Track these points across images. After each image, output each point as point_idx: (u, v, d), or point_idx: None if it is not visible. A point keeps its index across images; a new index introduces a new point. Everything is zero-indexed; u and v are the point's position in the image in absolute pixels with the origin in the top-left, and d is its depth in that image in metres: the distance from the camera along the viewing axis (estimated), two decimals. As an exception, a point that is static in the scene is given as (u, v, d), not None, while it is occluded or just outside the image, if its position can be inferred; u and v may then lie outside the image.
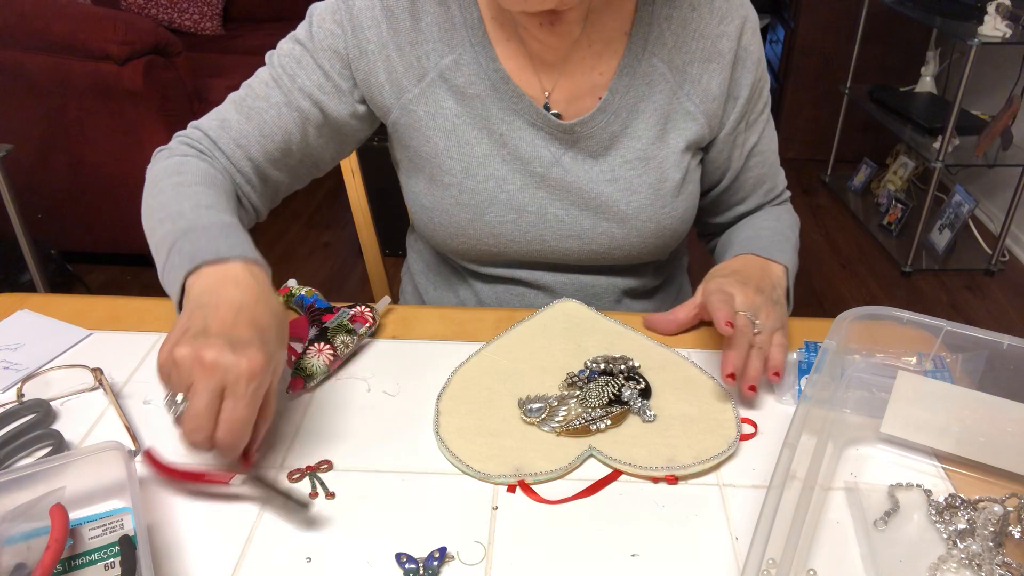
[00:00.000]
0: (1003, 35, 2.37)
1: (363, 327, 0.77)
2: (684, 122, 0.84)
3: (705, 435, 0.65)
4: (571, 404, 0.68)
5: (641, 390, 0.69)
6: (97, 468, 0.58)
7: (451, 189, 0.84)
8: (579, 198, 0.84)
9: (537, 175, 0.84)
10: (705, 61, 0.82)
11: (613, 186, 0.84)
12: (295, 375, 0.71)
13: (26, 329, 0.81)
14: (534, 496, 0.60)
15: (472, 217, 0.85)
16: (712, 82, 0.83)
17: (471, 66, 0.81)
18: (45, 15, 2.07)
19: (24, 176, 2.21)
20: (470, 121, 0.83)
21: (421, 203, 0.88)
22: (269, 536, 0.58)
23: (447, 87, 0.82)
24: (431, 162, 0.84)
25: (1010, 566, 0.55)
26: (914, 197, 3.03)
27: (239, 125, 0.82)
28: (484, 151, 0.83)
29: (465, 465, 0.63)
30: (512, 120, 0.82)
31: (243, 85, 0.84)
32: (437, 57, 0.82)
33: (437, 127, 0.83)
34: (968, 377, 0.67)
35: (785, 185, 0.98)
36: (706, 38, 0.82)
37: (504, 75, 0.81)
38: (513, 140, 0.83)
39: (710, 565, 0.56)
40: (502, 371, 0.73)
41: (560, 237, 0.86)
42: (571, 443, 0.65)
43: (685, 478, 0.62)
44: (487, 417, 0.68)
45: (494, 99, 0.82)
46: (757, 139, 0.89)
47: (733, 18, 0.82)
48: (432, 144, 0.84)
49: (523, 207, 0.85)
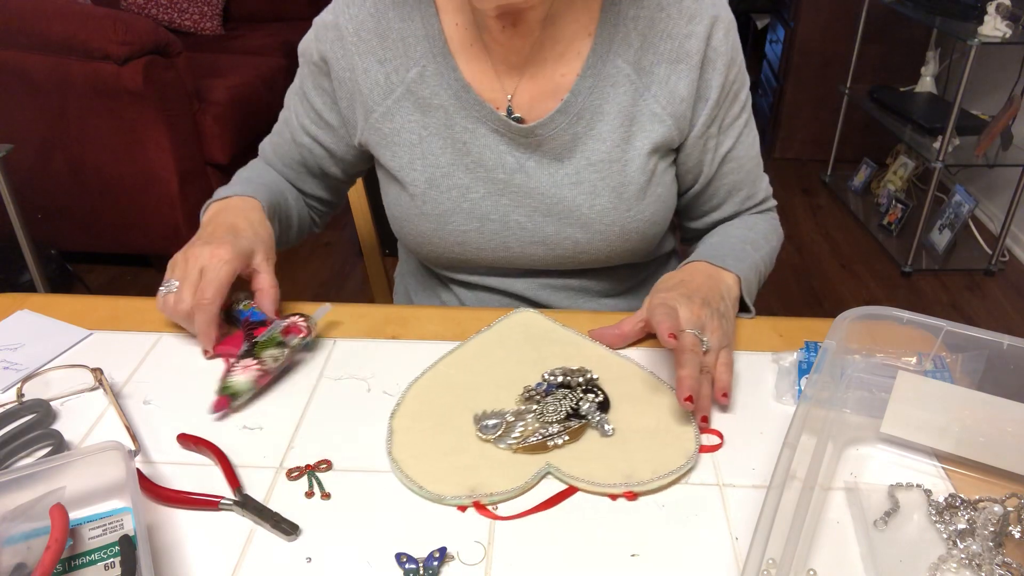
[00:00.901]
0: (1003, 35, 2.37)
1: (296, 338, 0.74)
2: (650, 124, 0.83)
3: (664, 449, 0.64)
4: (528, 419, 0.66)
5: (599, 403, 0.68)
6: (97, 468, 0.58)
7: (416, 200, 0.86)
8: (542, 203, 0.85)
9: (500, 182, 0.84)
10: (673, 62, 0.81)
11: (576, 189, 0.84)
12: (219, 393, 0.69)
13: (26, 329, 0.81)
14: (490, 515, 0.59)
15: (436, 227, 0.87)
16: (680, 83, 0.82)
17: (434, 77, 0.83)
18: (45, 15, 2.07)
19: (24, 176, 2.21)
20: (435, 132, 0.84)
21: (392, 213, 0.91)
22: (269, 536, 0.58)
23: (413, 100, 0.84)
24: (398, 175, 0.87)
25: (1010, 566, 0.55)
26: (914, 197, 3.03)
27: (272, 154, 0.98)
28: (448, 161, 0.84)
29: (418, 487, 0.60)
30: (475, 128, 0.83)
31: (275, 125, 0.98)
32: (404, 71, 0.84)
33: (402, 141, 0.85)
34: (968, 377, 0.67)
35: (768, 194, 0.96)
36: (673, 38, 0.80)
37: (464, 84, 0.82)
38: (476, 148, 0.84)
39: (710, 565, 0.56)
40: (458, 385, 0.72)
41: (524, 244, 0.87)
42: (528, 460, 0.63)
43: (644, 493, 0.61)
44: (442, 435, 0.66)
45: (456, 108, 0.83)
46: (732, 144, 0.88)
47: (703, 18, 0.80)
48: (398, 158, 0.86)
49: (486, 215, 0.85)
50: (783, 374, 0.73)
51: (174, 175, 2.29)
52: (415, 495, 0.61)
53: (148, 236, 2.41)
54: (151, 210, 2.35)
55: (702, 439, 0.66)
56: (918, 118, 2.77)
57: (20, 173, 2.10)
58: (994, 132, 2.55)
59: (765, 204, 0.96)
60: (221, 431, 0.67)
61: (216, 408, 0.69)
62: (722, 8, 0.82)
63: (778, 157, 3.54)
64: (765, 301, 2.75)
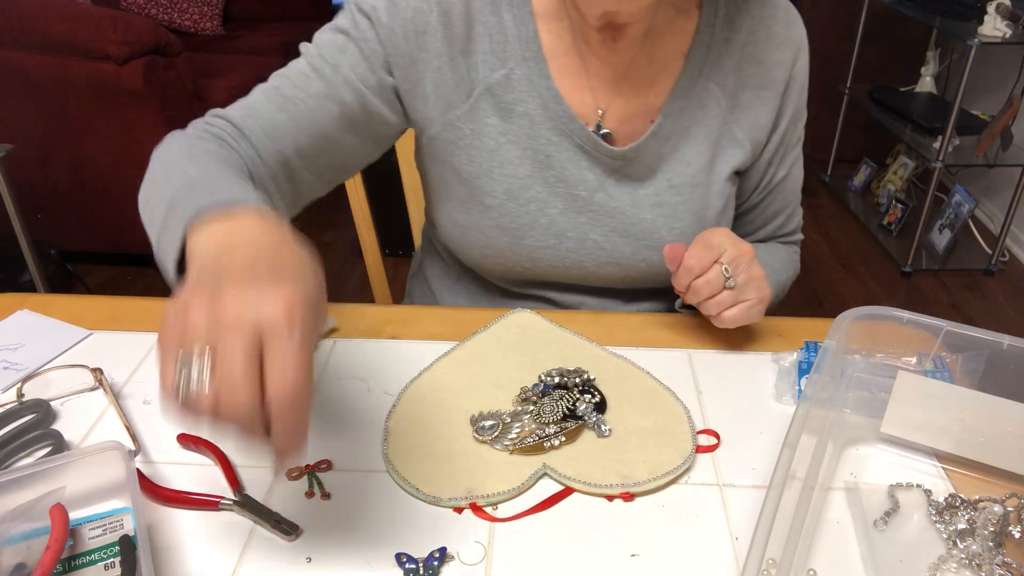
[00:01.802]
0: (1003, 35, 2.37)
1: None
2: (731, 148, 0.82)
3: (661, 449, 0.64)
4: (525, 420, 0.66)
5: (596, 404, 0.68)
6: (97, 468, 0.58)
7: (491, 211, 0.81)
8: (620, 224, 0.82)
9: (580, 199, 0.81)
10: (758, 88, 0.81)
11: (656, 211, 0.82)
12: None
13: (26, 329, 0.81)
14: (486, 516, 0.59)
15: (511, 241, 0.82)
16: (762, 110, 0.81)
17: (522, 83, 0.78)
18: (45, 15, 2.07)
19: (24, 176, 2.21)
20: (515, 140, 0.79)
21: (455, 221, 0.84)
22: (269, 536, 0.58)
23: (493, 103, 0.78)
24: (471, 182, 0.81)
25: (1010, 566, 0.55)
26: (914, 197, 3.03)
27: (271, 115, 0.76)
28: (527, 172, 0.80)
29: (414, 488, 0.60)
30: (560, 141, 0.79)
31: (274, 76, 0.78)
32: (487, 71, 0.77)
33: (481, 146, 0.80)
34: (968, 377, 0.67)
35: (799, 226, 0.96)
36: (762, 64, 0.80)
37: (556, 94, 0.78)
38: (559, 162, 0.80)
39: (710, 565, 0.56)
40: (454, 387, 0.72)
41: (599, 264, 0.84)
42: (525, 462, 0.63)
43: (640, 494, 0.61)
44: (438, 437, 0.66)
45: (544, 119, 0.79)
46: (785, 174, 0.88)
47: (790, 46, 0.80)
48: (475, 164, 0.80)
49: (563, 232, 0.82)
50: (783, 374, 0.73)
51: (174, 175, 2.29)
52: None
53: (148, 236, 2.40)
54: (151, 210, 2.35)
55: (699, 439, 0.66)
56: (918, 118, 2.77)
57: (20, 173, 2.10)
58: (994, 132, 2.55)
59: (794, 236, 0.96)
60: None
61: None
62: (804, 36, 0.82)
63: (778, 157, 3.53)
64: (765, 301, 2.67)
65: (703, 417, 0.69)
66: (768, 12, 0.79)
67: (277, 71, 0.79)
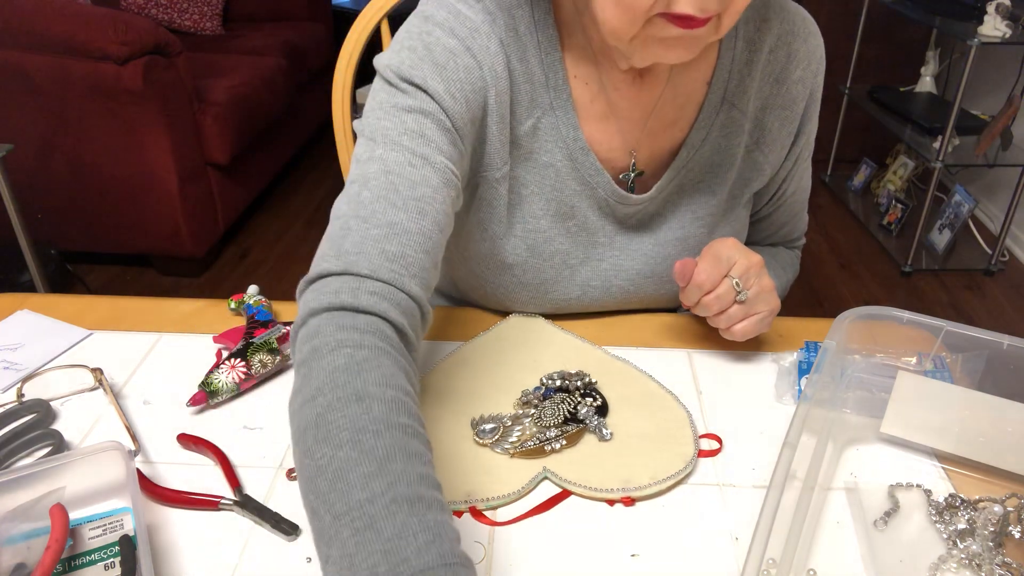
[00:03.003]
0: (1003, 35, 2.37)
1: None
2: (750, 172, 0.80)
3: (662, 453, 0.64)
4: (526, 424, 0.66)
5: (598, 407, 0.68)
6: (97, 468, 0.58)
7: (514, 269, 0.78)
8: (645, 266, 0.81)
9: (600, 246, 0.80)
10: (781, 108, 0.78)
11: (682, 245, 0.80)
12: (201, 387, 0.69)
13: (26, 329, 0.81)
14: (486, 520, 0.59)
15: (534, 295, 0.80)
16: (783, 130, 0.79)
17: (549, 132, 0.74)
18: (45, 15, 2.07)
19: (24, 176, 2.21)
20: (538, 191, 0.76)
21: (472, 271, 0.80)
22: (269, 536, 0.58)
23: (519, 154, 0.74)
24: (494, 241, 0.77)
25: (1010, 566, 0.55)
26: (914, 197, 3.03)
27: (418, 227, 0.60)
28: (548, 224, 0.77)
29: None
30: (583, 191, 0.76)
31: (371, 178, 0.62)
32: (516, 123, 0.73)
33: (509, 203, 0.76)
34: (968, 377, 0.67)
35: (803, 232, 0.95)
36: (783, 84, 0.77)
37: (583, 146, 0.74)
38: (581, 211, 0.77)
39: (710, 565, 0.56)
40: (455, 389, 0.72)
41: (622, 303, 0.83)
42: (525, 465, 0.63)
43: (641, 499, 0.61)
44: (438, 439, 0.65)
45: (569, 169, 0.75)
46: (796, 187, 0.87)
47: (810, 63, 0.77)
48: (501, 224, 0.76)
49: (587, 283, 0.80)
50: (783, 374, 0.73)
51: (174, 175, 2.29)
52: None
53: (148, 236, 2.41)
54: (151, 210, 2.35)
55: (701, 444, 0.66)
56: (918, 118, 2.77)
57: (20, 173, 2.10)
58: (994, 132, 2.55)
59: (797, 242, 0.96)
60: (221, 431, 0.67)
61: (193, 402, 0.69)
62: (822, 47, 0.78)
63: (778, 157, 3.53)
64: (765, 301, 2.65)
65: (703, 417, 0.69)
66: (787, 28, 0.75)
67: (360, 172, 0.63)
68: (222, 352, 0.75)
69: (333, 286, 0.56)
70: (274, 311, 0.80)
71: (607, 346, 0.78)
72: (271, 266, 2.63)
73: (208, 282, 2.53)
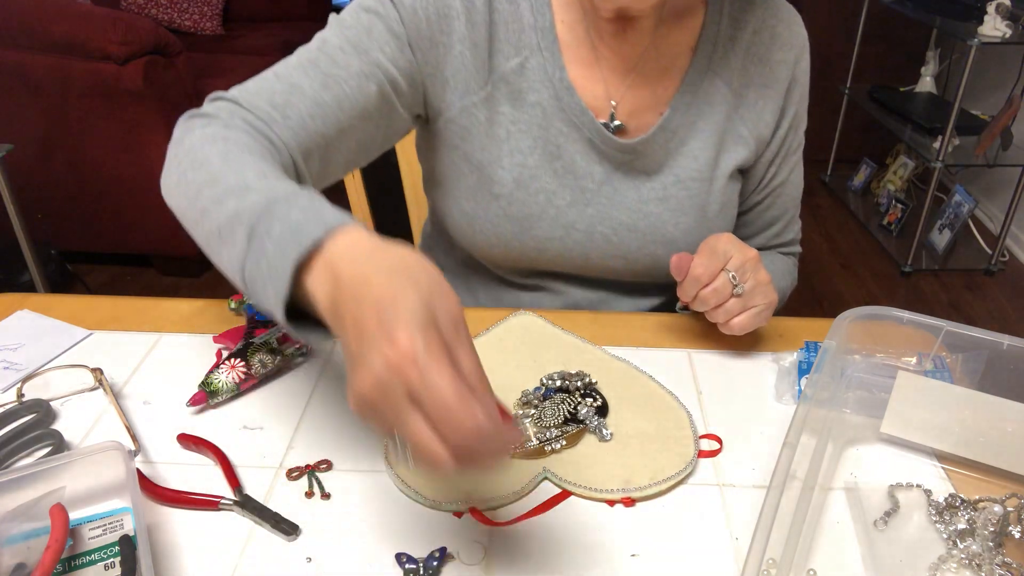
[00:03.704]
0: (1003, 35, 2.37)
1: (291, 348, 0.74)
2: (735, 145, 0.83)
3: (662, 454, 0.64)
4: (526, 424, 0.66)
5: (598, 407, 0.68)
6: (97, 468, 0.58)
7: (500, 200, 0.81)
8: (628, 218, 0.83)
9: (588, 191, 0.82)
10: (762, 87, 0.82)
11: (662, 206, 0.82)
12: (200, 387, 0.69)
13: (26, 329, 0.81)
14: (486, 521, 0.59)
15: (519, 231, 0.83)
16: (766, 109, 0.82)
17: (536, 72, 0.78)
18: (45, 15, 2.07)
19: (24, 176, 2.21)
20: (525, 129, 0.80)
21: (463, 210, 0.84)
22: (269, 536, 0.58)
23: (507, 91, 0.79)
24: (481, 170, 0.81)
25: (1010, 566, 0.55)
26: (914, 197, 3.03)
27: (315, 94, 0.70)
28: (536, 162, 0.80)
29: (414, 492, 0.60)
30: (570, 133, 0.80)
31: (305, 51, 0.73)
32: (503, 59, 0.78)
33: (493, 134, 0.80)
34: (968, 377, 0.67)
35: (797, 237, 0.96)
36: (765, 63, 0.81)
37: (569, 85, 0.78)
38: (568, 153, 0.81)
39: (710, 565, 0.56)
40: None
41: (606, 256, 0.85)
42: (525, 466, 0.63)
43: (641, 499, 0.61)
44: None
45: (555, 109, 0.79)
46: (785, 178, 0.88)
47: (793, 46, 0.81)
48: (487, 152, 0.80)
49: (571, 224, 0.83)
50: (783, 374, 0.73)
51: (174, 175, 2.29)
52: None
53: (148, 236, 2.41)
54: (151, 210, 2.35)
55: (701, 444, 0.66)
56: (918, 118, 2.77)
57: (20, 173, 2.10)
58: (994, 132, 2.55)
59: (791, 247, 0.96)
60: (221, 431, 0.67)
61: (193, 402, 0.69)
62: (806, 37, 0.83)
63: (778, 157, 3.53)
64: (765, 301, 2.66)
65: (703, 417, 0.69)
66: (771, 13, 0.81)
67: (304, 46, 0.74)
68: (222, 352, 0.75)
69: (217, 104, 0.68)
70: None
71: (607, 346, 0.78)
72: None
73: (208, 282, 2.53)
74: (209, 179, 0.58)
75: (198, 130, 0.64)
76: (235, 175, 0.56)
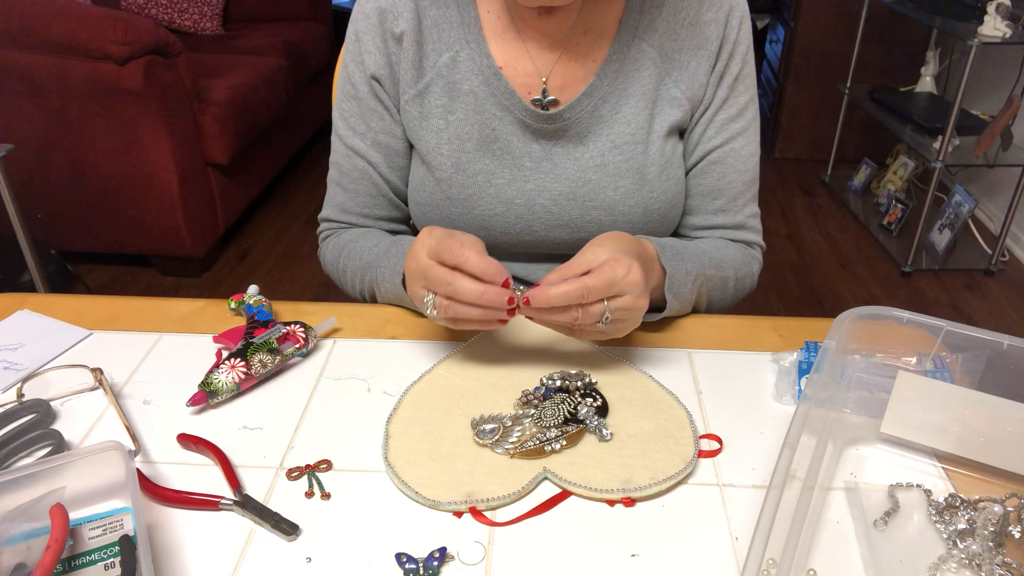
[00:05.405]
0: (1003, 35, 2.37)
1: (291, 347, 0.75)
2: (669, 108, 0.86)
3: (662, 454, 0.64)
4: (526, 424, 0.66)
5: (598, 407, 0.68)
6: (97, 468, 0.58)
7: (442, 184, 0.87)
8: (567, 187, 0.86)
9: (527, 169, 0.86)
10: (693, 48, 0.85)
11: (600, 172, 0.85)
12: (200, 387, 0.70)
13: (26, 329, 0.81)
14: (486, 521, 0.59)
15: (462, 211, 0.88)
16: (699, 69, 0.85)
17: (466, 63, 0.85)
18: (45, 15, 2.07)
19: (24, 176, 2.21)
20: (463, 117, 0.85)
21: (416, 199, 0.91)
22: (269, 536, 0.58)
23: (443, 84, 0.85)
24: (425, 158, 0.88)
25: (1010, 566, 0.55)
26: (914, 197, 3.03)
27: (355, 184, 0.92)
28: (474, 147, 0.86)
29: (413, 492, 0.60)
30: (503, 116, 0.85)
31: (332, 162, 0.94)
32: (435, 56, 0.85)
33: (431, 126, 0.87)
34: (968, 377, 0.67)
35: (750, 224, 0.91)
36: (695, 26, 0.84)
37: (496, 71, 0.84)
38: (504, 135, 0.86)
39: (710, 565, 0.56)
40: (455, 390, 0.72)
41: (549, 227, 0.88)
42: (525, 466, 0.63)
43: (641, 499, 0.61)
44: (438, 440, 0.66)
45: (487, 95, 0.85)
46: (719, 144, 0.86)
47: (721, 6, 0.84)
48: (425, 141, 0.87)
49: (511, 200, 0.87)
50: (783, 374, 0.73)
51: (174, 175, 2.29)
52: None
53: (148, 236, 2.41)
54: (151, 210, 2.35)
55: (701, 444, 0.66)
56: (918, 118, 2.77)
57: (20, 173, 2.10)
58: (994, 132, 2.55)
59: (743, 233, 0.91)
60: (221, 431, 0.67)
61: (193, 402, 0.69)
62: (745, 6, 0.86)
63: (778, 157, 3.53)
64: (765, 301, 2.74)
65: (703, 417, 0.69)
66: None
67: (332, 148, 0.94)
68: (222, 352, 0.75)
69: (321, 226, 0.99)
70: (274, 311, 0.80)
71: (607, 346, 0.78)
72: (271, 266, 2.63)
73: (208, 282, 2.53)
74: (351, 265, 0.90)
75: (327, 252, 0.96)
76: (359, 255, 0.89)
